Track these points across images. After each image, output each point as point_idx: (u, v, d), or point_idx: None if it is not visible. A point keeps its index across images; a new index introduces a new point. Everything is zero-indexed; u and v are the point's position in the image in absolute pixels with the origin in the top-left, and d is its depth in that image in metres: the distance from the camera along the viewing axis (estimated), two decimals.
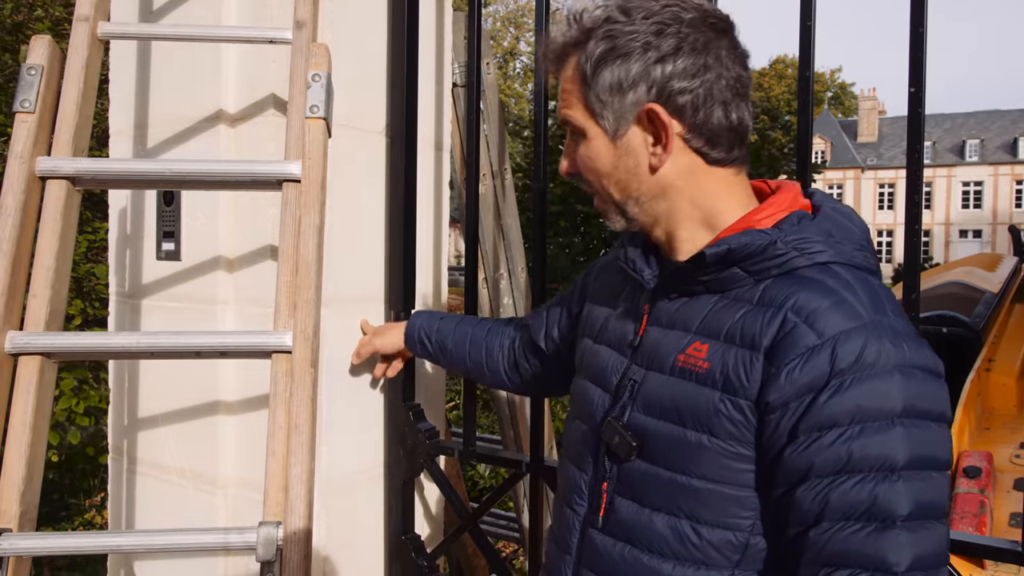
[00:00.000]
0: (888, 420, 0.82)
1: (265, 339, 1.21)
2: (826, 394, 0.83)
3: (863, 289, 0.89)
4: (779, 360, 0.86)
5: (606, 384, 1.06)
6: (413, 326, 1.62)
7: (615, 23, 0.95)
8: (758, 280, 0.93)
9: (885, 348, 0.83)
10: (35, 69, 1.29)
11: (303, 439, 1.15)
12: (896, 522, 0.80)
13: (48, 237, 1.24)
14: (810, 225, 0.94)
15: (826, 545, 0.83)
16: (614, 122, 0.97)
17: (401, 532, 1.80)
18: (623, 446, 0.98)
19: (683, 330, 0.98)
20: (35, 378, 1.18)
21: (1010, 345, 3.78)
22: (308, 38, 1.39)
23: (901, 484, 0.81)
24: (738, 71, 0.98)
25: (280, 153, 1.55)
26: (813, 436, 0.83)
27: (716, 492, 0.91)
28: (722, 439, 0.90)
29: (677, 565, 0.94)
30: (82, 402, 3.29)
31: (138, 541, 1.16)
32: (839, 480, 0.82)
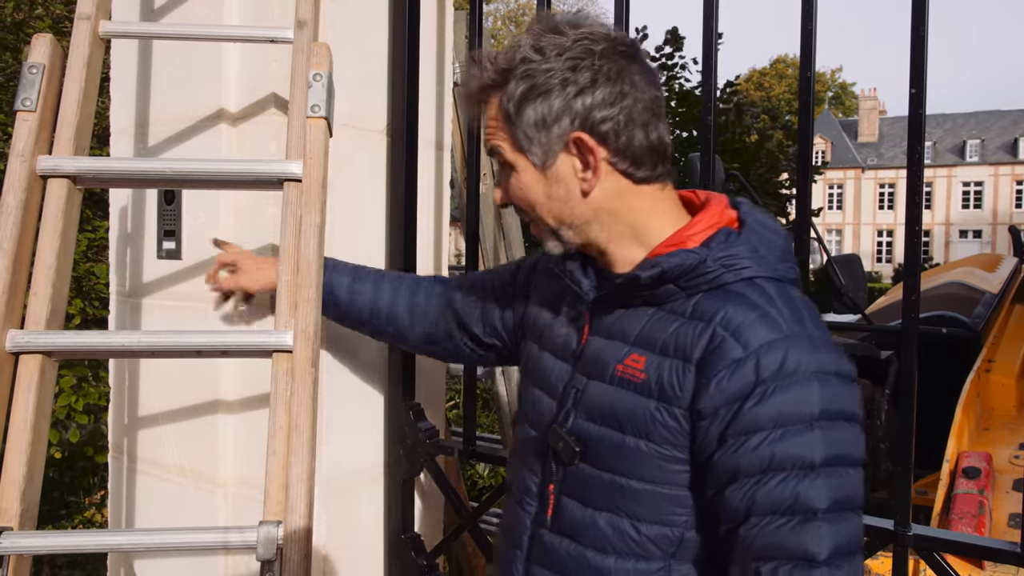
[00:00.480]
0: (807, 423, 0.90)
1: (266, 338, 1.22)
2: (751, 401, 0.90)
3: (784, 302, 0.97)
4: (709, 371, 0.93)
5: (552, 391, 1.13)
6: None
7: (531, 62, 1.00)
8: (689, 295, 1.00)
9: (803, 357, 0.91)
10: (36, 67, 1.29)
11: (304, 438, 1.15)
12: (817, 515, 0.88)
13: (49, 235, 1.24)
14: (737, 241, 1.01)
15: (755, 540, 0.90)
16: (542, 155, 1.03)
17: (401, 531, 1.80)
18: (567, 451, 1.05)
19: (621, 341, 1.04)
20: (36, 377, 1.18)
21: (1010, 346, 3.78)
22: (309, 37, 1.39)
23: (820, 480, 0.89)
24: (652, 92, 1.03)
25: (281, 152, 1.55)
26: (740, 440, 0.91)
27: (653, 492, 0.99)
28: (658, 444, 0.97)
29: (618, 559, 1.01)
30: (81, 399, 3.29)
31: (138, 540, 1.16)
32: (764, 479, 0.90)
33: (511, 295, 1.35)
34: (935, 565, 1.30)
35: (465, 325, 1.41)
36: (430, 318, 1.46)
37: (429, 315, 1.46)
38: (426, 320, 1.46)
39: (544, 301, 1.23)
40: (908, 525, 1.31)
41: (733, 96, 11.77)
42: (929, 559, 1.31)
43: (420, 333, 1.47)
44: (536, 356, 1.19)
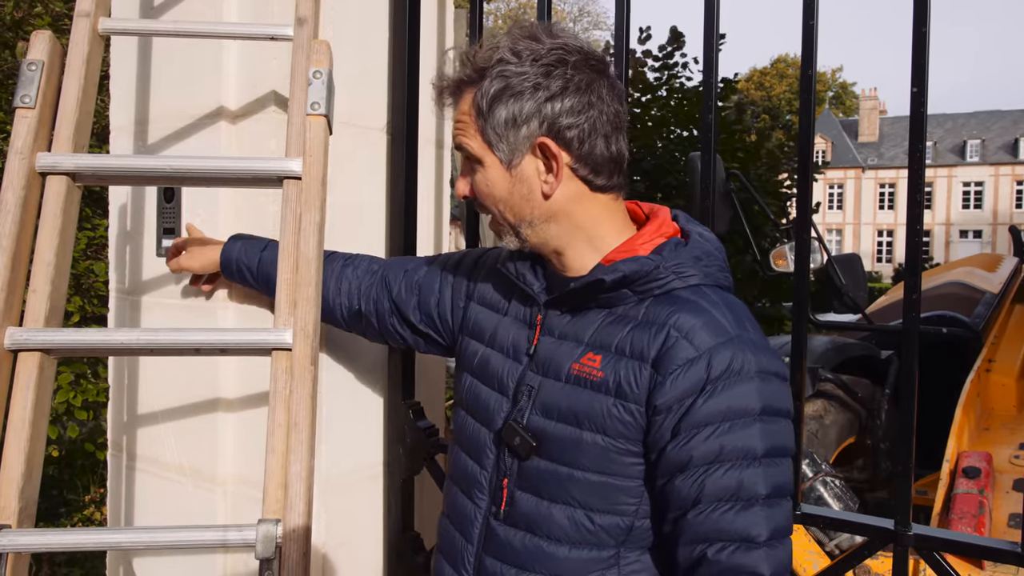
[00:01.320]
0: (752, 417, 0.98)
1: (265, 336, 1.21)
2: (703, 398, 0.99)
3: (727, 307, 1.05)
4: (664, 369, 1.01)
5: (503, 389, 1.18)
6: (230, 256, 1.51)
7: (507, 64, 1.06)
8: (641, 299, 1.07)
9: (748, 358, 1.00)
10: (35, 65, 1.28)
11: (303, 437, 1.15)
12: (758, 501, 0.97)
13: (48, 233, 1.23)
14: (684, 251, 1.09)
15: (702, 524, 0.98)
16: (509, 153, 1.09)
17: (401, 530, 1.80)
18: (524, 446, 1.10)
19: (575, 341, 1.11)
20: (34, 374, 1.17)
21: (1010, 346, 3.78)
22: (309, 35, 1.38)
23: (761, 470, 0.98)
24: (616, 107, 1.10)
25: (281, 150, 1.55)
26: (692, 432, 0.99)
27: (608, 484, 1.05)
28: (614, 438, 1.04)
29: (572, 548, 1.08)
30: (80, 396, 3.29)
31: (136, 538, 1.16)
32: (712, 468, 0.98)
33: (451, 289, 1.38)
34: (935, 565, 1.30)
35: (400, 309, 1.43)
36: (360, 295, 1.47)
37: (360, 291, 1.47)
38: (355, 296, 1.48)
39: (489, 301, 1.28)
40: (908, 525, 1.31)
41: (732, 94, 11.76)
42: (929, 559, 1.31)
43: (347, 308, 1.48)
44: (483, 355, 1.24)
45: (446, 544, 1.24)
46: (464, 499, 1.21)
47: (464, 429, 1.24)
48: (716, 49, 1.42)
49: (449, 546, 1.23)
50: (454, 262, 1.41)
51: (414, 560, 1.77)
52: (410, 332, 1.44)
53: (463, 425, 1.25)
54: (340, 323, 1.53)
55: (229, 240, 1.54)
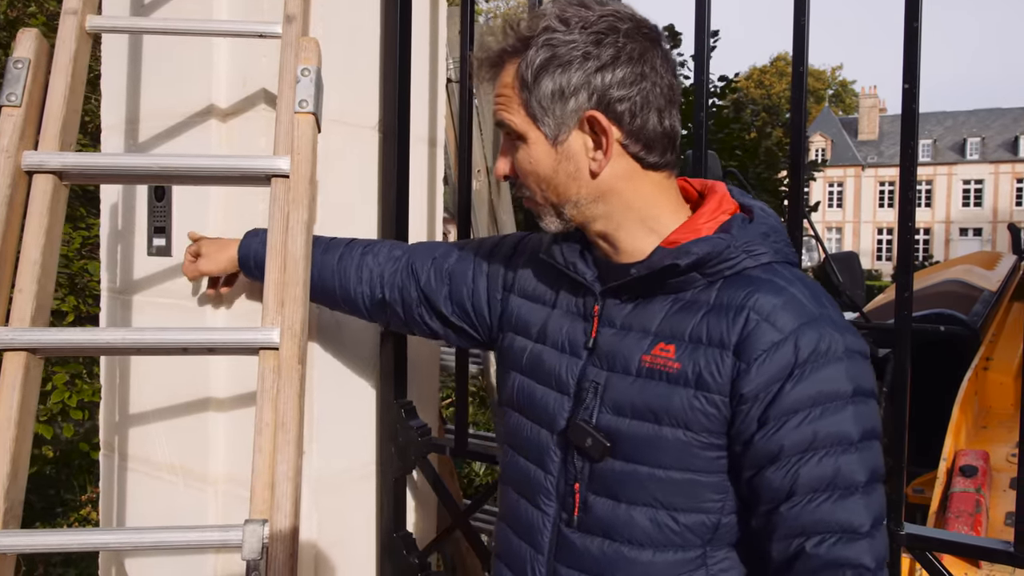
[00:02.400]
0: (844, 401, 0.92)
1: (252, 336, 1.21)
2: (791, 383, 0.92)
3: (803, 285, 0.99)
4: (748, 355, 0.94)
5: (561, 387, 1.10)
6: (247, 253, 1.47)
7: (554, 32, 0.98)
8: (711, 282, 1.00)
9: (834, 338, 0.94)
10: (22, 63, 1.28)
11: (290, 436, 1.14)
12: (858, 489, 0.91)
13: (34, 232, 1.22)
14: (751, 228, 1.02)
15: (798, 517, 0.92)
16: (555, 128, 1.01)
17: (393, 530, 1.79)
18: (596, 447, 1.02)
19: (641, 332, 1.03)
20: (20, 374, 1.17)
21: (1008, 344, 3.77)
22: (298, 32, 1.37)
23: (857, 455, 0.92)
24: (670, 79, 1.02)
25: (271, 148, 1.54)
26: (782, 420, 0.92)
27: (692, 481, 0.98)
28: (696, 432, 0.97)
29: (656, 552, 1.01)
30: (75, 396, 3.28)
31: (124, 539, 1.15)
32: (806, 457, 0.92)
33: (487, 280, 1.30)
34: (928, 565, 1.29)
35: (429, 300, 1.35)
36: (383, 283, 1.40)
37: (383, 279, 1.40)
38: (377, 284, 1.41)
39: (533, 293, 1.20)
40: (901, 524, 1.30)
41: (732, 92, 11.74)
42: (922, 559, 1.30)
43: (369, 297, 1.41)
44: (533, 351, 1.16)
45: (508, 553, 1.16)
46: (527, 506, 1.13)
47: (518, 431, 1.16)
48: (707, 45, 1.42)
49: (512, 555, 1.15)
50: (488, 249, 1.33)
51: (406, 560, 1.77)
52: (440, 324, 1.36)
53: (517, 427, 1.17)
54: (363, 313, 1.46)
55: (245, 236, 1.50)
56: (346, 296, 1.44)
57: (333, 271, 1.44)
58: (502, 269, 1.28)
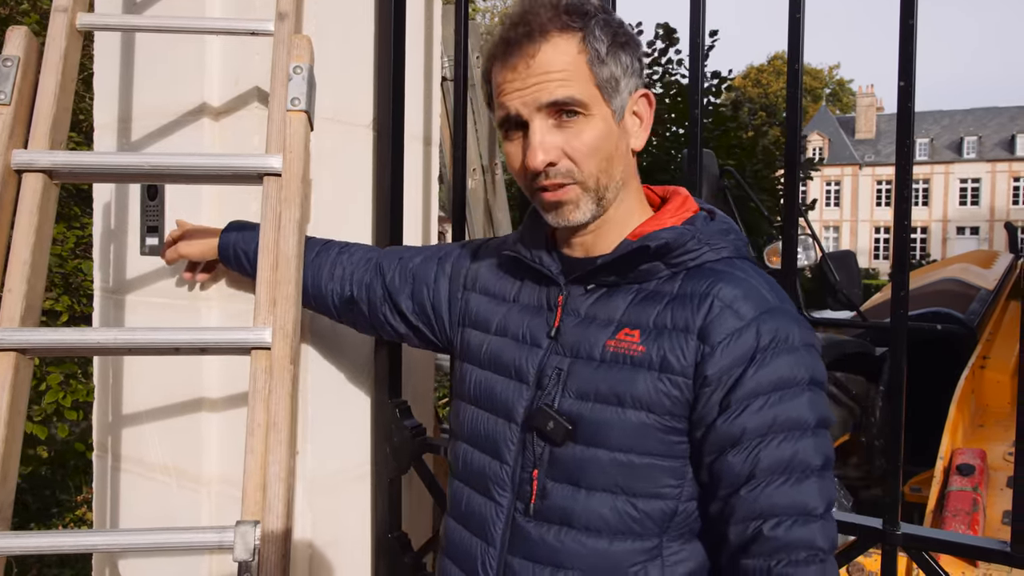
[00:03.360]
0: (800, 387, 0.96)
1: (244, 335, 1.20)
2: (753, 368, 0.95)
3: (762, 279, 1.04)
4: (712, 339, 0.97)
5: (521, 375, 1.12)
6: (228, 241, 1.49)
7: (606, 13, 1.03)
8: (674, 273, 1.04)
9: (791, 329, 0.98)
10: (11, 60, 1.26)
11: (282, 437, 1.13)
12: (813, 472, 0.94)
13: (24, 231, 1.21)
14: (712, 224, 1.08)
15: (756, 500, 0.94)
16: (620, 104, 1.04)
17: (388, 530, 1.78)
18: (558, 430, 1.04)
19: (606, 320, 1.06)
20: (10, 374, 1.15)
21: (1005, 342, 3.77)
22: (290, 30, 1.36)
23: (812, 440, 0.95)
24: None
25: (264, 147, 1.53)
26: (743, 404, 0.95)
27: (653, 465, 1.00)
28: (659, 415, 0.99)
29: (614, 540, 1.01)
30: (69, 396, 3.27)
31: (114, 540, 1.14)
32: (766, 440, 0.94)
33: (448, 281, 1.32)
34: (924, 564, 1.28)
35: (392, 298, 1.37)
36: (352, 280, 1.42)
37: (352, 277, 1.42)
38: (347, 282, 1.42)
39: (493, 290, 1.23)
40: (897, 524, 1.29)
41: (728, 90, 11.75)
42: (918, 558, 1.29)
43: (339, 294, 1.43)
44: (492, 343, 1.18)
45: (457, 550, 1.16)
46: (479, 498, 1.13)
47: (474, 424, 1.17)
48: (703, 43, 1.41)
49: (462, 552, 1.15)
50: (451, 252, 1.36)
51: (401, 560, 1.76)
52: (402, 323, 1.38)
53: (472, 420, 1.17)
54: (332, 311, 1.47)
55: (227, 227, 1.52)
56: (317, 292, 1.46)
57: (307, 266, 1.45)
58: (464, 269, 1.31)
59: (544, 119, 1.01)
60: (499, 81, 1.03)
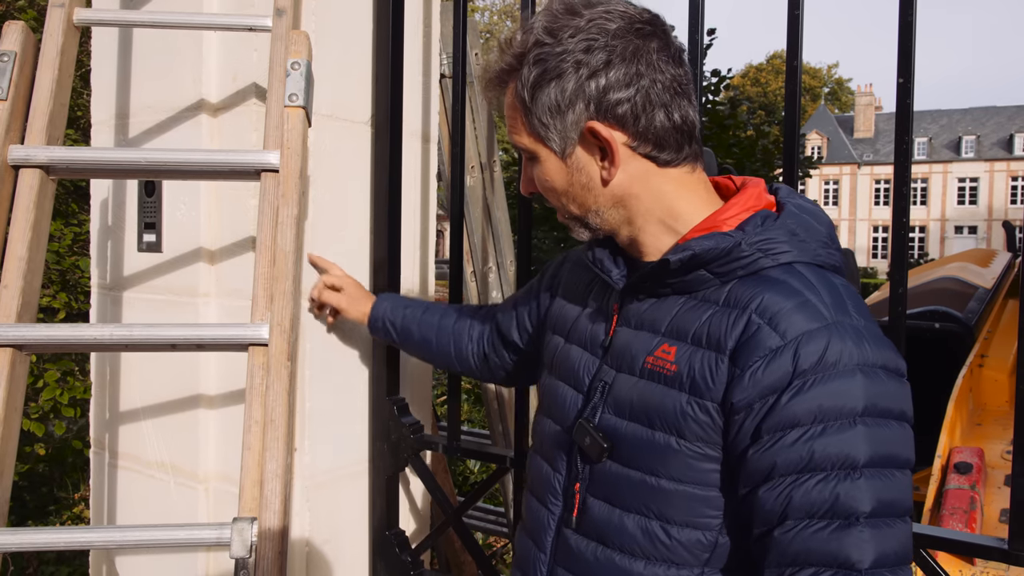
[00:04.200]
0: (850, 419, 0.83)
1: (241, 332, 1.19)
2: (788, 394, 0.84)
3: (826, 289, 0.90)
4: (743, 362, 0.87)
5: (578, 384, 1.08)
6: (378, 312, 1.57)
7: (544, 46, 0.96)
8: (724, 281, 0.94)
9: (847, 348, 0.84)
10: (7, 56, 1.26)
11: (279, 433, 1.13)
12: (859, 519, 0.81)
13: (21, 227, 1.21)
14: (774, 225, 0.95)
15: (790, 544, 0.84)
16: (560, 142, 0.99)
17: (385, 527, 1.78)
18: (594, 448, 0.99)
19: (651, 331, 0.99)
20: (6, 370, 1.15)
21: (1003, 341, 3.77)
22: (288, 25, 1.36)
23: (863, 482, 0.82)
24: (673, 71, 0.97)
25: (262, 143, 1.53)
26: (776, 436, 0.84)
27: (684, 493, 0.92)
28: (689, 441, 0.91)
29: (648, 564, 0.95)
30: (67, 393, 3.26)
31: (110, 537, 1.14)
32: (802, 479, 0.83)
33: (541, 292, 1.33)
34: (922, 562, 1.28)
35: (505, 335, 1.41)
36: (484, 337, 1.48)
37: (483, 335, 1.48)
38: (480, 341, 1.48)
39: (571, 294, 1.19)
40: None
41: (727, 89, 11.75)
42: (916, 556, 1.29)
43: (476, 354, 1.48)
44: (563, 349, 1.14)
45: (521, 553, 1.14)
46: (538, 505, 1.11)
47: (541, 430, 1.14)
48: (701, 42, 1.41)
49: (523, 556, 1.13)
50: (543, 273, 1.35)
51: (399, 557, 1.76)
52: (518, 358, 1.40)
53: (541, 426, 1.15)
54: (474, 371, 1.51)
55: (379, 298, 1.60)
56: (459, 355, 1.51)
57: (449, 332, 1.51)
58: (552, 279, 1.30)
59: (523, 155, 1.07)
60: None
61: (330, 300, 1.63)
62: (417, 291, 1.95)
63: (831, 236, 1.00)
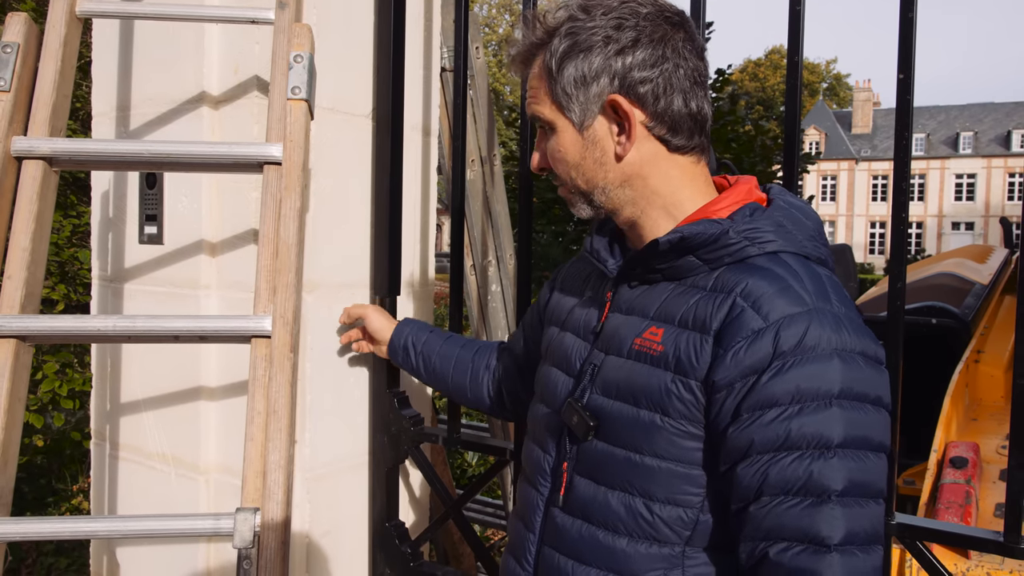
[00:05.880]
0: (826, 401, 0.87)
1: (244, 324, 1.20)
2: (768, 375, 0.88)
3: (809, 277, 0.95)
4: (726, 342, 0.91)
5: (569, 369, 1.12)
6: (401, 333, 1.60)
7: (576, 21, 1.00)
8: (713, 268, 0.99)
9: (825, 333, 0.88)
10: (11, 47, 1.26)
11: (281, 424, 1.13)
12: (831, 497, 0.85)
13: (24, 218, 1.21)
14: (762, 216, 1.00)
15: (764, 519, 0.88)
16: (580, 114, 1.02)
17: (385, 519, 1.79)
18: (581, 426, 1.03)
19: (641, 316, 1.03)
20: (10, 361, 1.16)
21: (999, 337, 3.78)
22: (291, 18, 1.36)
23: (836, 461, 0.86)
24: (695, 62, 1.02)
25: (264, 136, 1.53)
26: (755, 415, 0.89)
27: (667, 470, 0.96)
28: (673, 418, 0.95)
29: (631, 541, 0.99)
30: (65, 385, 3.26)
31: (113, 527, 1.14)
32: (778, 457, 0.87)
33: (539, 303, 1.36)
34: (919, 554, 1.29)
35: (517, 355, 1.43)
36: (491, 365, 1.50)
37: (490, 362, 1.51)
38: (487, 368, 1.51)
39: (569, 287, 1.24)
40: (891, 513, 1.30)
41: (727, 84, 11.74)
42: (913, 548, 1.30)
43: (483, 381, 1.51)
44: (557, 337, 1.19)
45: (513, 536, 1.18)
46: (529, 488, 1.15)
47: (534, 416, 1.19)
48: (702, 35, 1.41)
49: (514, 538, 1.16)
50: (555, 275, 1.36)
51: (398, 549, 1.77)
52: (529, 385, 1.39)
53: (534, 412, 1.19)
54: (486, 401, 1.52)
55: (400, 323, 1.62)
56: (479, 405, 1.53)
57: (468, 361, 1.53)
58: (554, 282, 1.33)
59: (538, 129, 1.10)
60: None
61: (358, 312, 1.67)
62: (417, 284, 1.96)
63: (818, 231, 1.03)
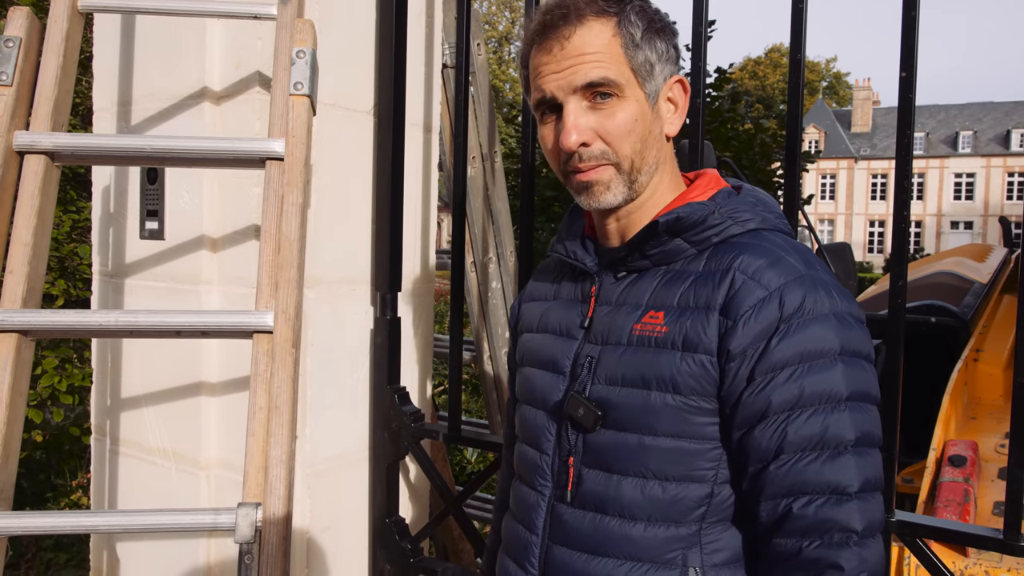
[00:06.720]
0: (831, 358, 0.92)
1: (246, 319, 1.20)
2: (777, 338, 0.93)
3: (793, 248, 1.01)
4: (734, 313, 0.95)
5: (557, 368, 1.12)
6: None
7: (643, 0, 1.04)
8: (700, 251, 1.03)
9: (820, 297, 0.94)
10: (13, 41, 1.26)
11: (283, 420, 1.14)
12: (847, 448, 0.91)
13: (26, 213, 1.21)
14: (737, 198, 1.06)
15: (786, 476, 0.91)
16: (654, 88, 1.04)
17: (385, 515, 1.79)
18: (588, 416, 1.03)
19: (634, 305, 1.05)
20: (11, 355, 1.16)
21: (998, 335, 3.78)
22: (293, 14, 1.36)
23: (847, 414, 0.91)
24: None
25: (265, 131, 1.53)
26: (768, 377, 0.93)
27: (680, 448, 0.98)
28: (684, 395, 0.97)
29: (648, 526, 1.00)
30: (64, 380, 3.25)
31: (114, 521, 1.14)
32: (794, 415, 0.92)
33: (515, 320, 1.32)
34: (918, 551, 1.30)
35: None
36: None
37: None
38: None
39: (537, 295, 1.23)
40: (891, 511, 1.31)
41: (727, 83, 11.74)
42: (912, 545, 1.31)
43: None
44: (532, 341, 1.18)
45: (510, 540, 1.17)
46: (526, 489, 1.13)
47: (523, 420, 1.18)
48: (705, 33, 1.41)
49: (513, 541, 1.15)
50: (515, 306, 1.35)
51: (398, 545, 1.77)
52: None
53: (521, 418, 1.18)
54: None
55: None
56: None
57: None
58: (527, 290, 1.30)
59: (579, 101, 1.01)
60: (535, 64, 1.04)
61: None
62: (418, 280, 1.96)
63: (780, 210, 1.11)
